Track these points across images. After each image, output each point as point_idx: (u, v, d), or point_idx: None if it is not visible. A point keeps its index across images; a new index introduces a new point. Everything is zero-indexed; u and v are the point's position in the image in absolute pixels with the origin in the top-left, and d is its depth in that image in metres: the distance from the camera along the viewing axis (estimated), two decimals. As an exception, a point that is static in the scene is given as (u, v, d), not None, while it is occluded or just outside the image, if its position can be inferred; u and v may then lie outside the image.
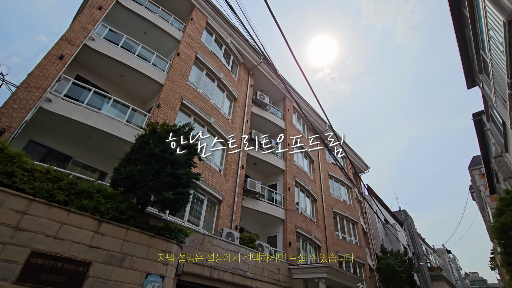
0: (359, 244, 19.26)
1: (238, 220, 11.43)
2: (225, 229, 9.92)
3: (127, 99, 9.94)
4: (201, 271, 7.91)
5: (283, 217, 13.51)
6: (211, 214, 10.67)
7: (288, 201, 14.12)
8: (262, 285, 9.67)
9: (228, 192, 11.51)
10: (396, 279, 17.77)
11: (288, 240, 12.87)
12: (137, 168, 6.17)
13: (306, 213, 15.59)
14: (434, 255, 54.09)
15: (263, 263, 10.28)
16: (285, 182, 14.75)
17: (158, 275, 6.05)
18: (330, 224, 17.67)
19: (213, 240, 8.79)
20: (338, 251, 16.93)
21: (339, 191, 20.65)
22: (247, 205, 12.35)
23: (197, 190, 10.04)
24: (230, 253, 9.17)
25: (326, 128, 21.66)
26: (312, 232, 14.75)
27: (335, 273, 10.93)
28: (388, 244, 27.51)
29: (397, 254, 21.95)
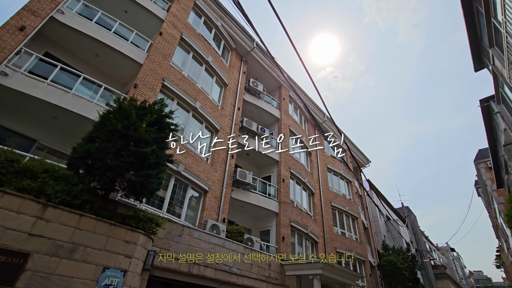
0: (359, 240, 18.36)
1: (226, 212, 10.59)
2: (209, 221, 9.08)
3: (104, 82, 9.10)
4: (178, 266, 7.07)
5: (276, 210, 12.65)
6: (195, 205, 9.83)
7: (282, 193, 13.25)
8: (250, 282, 8.83)
9: (215, 182, 10.67)
10: (399, 277, 16.87)
11: (281, 235, 12.01)
12: (94, 145, 5.34)
13: (302, 206, 14.71)
14: (438, 253, 53.02)
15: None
16: (279, 174, 13.88)
17: (119, 269, 5.22)
18: (329, 219, 16.78)
19: (194, 232, 7.95)
20: (337, 247, 16.05)
21: (338, 185, 19.74)
22: (237, 197, 11.50)
23: (178, 178, 9.22)
24: (215, 247, 8.33)
25: (325, 119, 20.73)
26: (309, 227, 13.88)
27: (331, 270, 10.06)
28: (390, 241, 26.59)
29: (399, 251, 21.03)
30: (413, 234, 28.87)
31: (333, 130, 21.79)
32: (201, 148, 10.73)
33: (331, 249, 15.60)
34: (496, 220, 26.52)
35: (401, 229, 29.54)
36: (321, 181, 17.81)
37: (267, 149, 14.07)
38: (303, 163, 16.59)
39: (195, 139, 9.81)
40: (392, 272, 16.92)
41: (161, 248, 7.00)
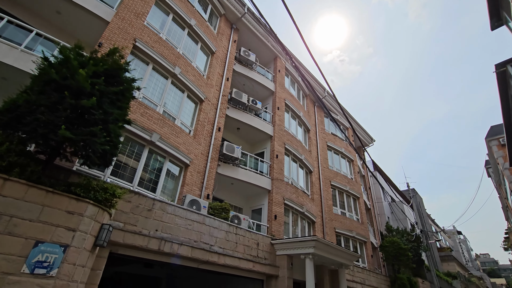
0: (360, 220, 17.49)
1: (210, 188, 9.71)
2: (188, 196, 8.20)
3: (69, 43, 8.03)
4: (146, 243, 6.25)
5: (268, 188, 11.74)
6: (175, 179, 8.96)
7: (275, 170, 12.30)
8: (233, 262, 8.03)
9: (199, 156, 9.74)
10: (401, 258, 16.04)
11: (273, 213, 11.15)
12: (22, 97, 4.38)
13: (299, 184, 13.78)
14: (444, 236, 52.24)
15: (237, 236, 8.61)
16: (273, 149, 12.88)
17: (58, 243, 4.37)
18: (328, 198, 15.87)
19: (168, 207, 7.09)
20: (336, 228, 15.22)
21: (339, 163, 18.69)
22: (225, 173, 10.59)
23: (153, 149, 8.30)
24: (192, 224, 7.49)
25: (325, 94, 19.45)
26: (305, 206, 12.99)
27: (325, 248, 9.20)
28: (395, 222, 25.73)
29: (403, 232, 20.16)
30: (418, 215, 27.92)
31: (334, 107, 20.56)
32: (182, 118, 9.76)
33: (329, 229, 14.78)
34: (506, 201, 25.28)
35: (406, 211, 28.61)
36: (320, 159, 16.79)
37: (259, 123, 13.02)
38: (300, 140, 15.53)
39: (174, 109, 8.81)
40: (395, 253, 16.09)
41: (125, 223, 6.16)
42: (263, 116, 13.89)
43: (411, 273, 18.49)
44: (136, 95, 8.33)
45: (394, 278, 16.18)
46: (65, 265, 4.38)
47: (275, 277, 9.18)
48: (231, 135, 13.13)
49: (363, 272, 14.10)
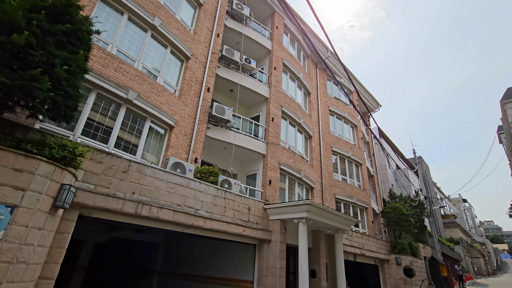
0: (362, 187, 17.03)
1: (199, 152, 9.14)
2: (171, 159, 7.65)
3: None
4: (121, 206, 5.81)
5: (263, 152, 11.14)
6: (158, 142, 8.38)
7: (271, 134, 11.60)
8: (221, 226, 7.66)
9: (185, 117, 9.05)
10: (403, 223, 15.75)
11: (268, 178, 10.65)
12: None
13: (297, 150, 13.13)
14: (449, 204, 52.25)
15: (226, 201, 8.17)
16: (269, 112, 12.07)
17: (3, 203, 3.88)
18: (328, 164, 15.29)
19: (146, 169, 6.56)
20: (336, 194, 14.81)
21: (341, 129, 17.84)
22: (215, 136, 9.96)
23: (131, 108, 7.62)
24: (175, 187, 7.01)
25: (328, 55, 18.06)
26: (303, 171, 12.45)
27: (319, 213, 8.75)
28: (399, 189, 25.34)
29: (406, 198, 19.77)
30: (423, 183, 27.40)
31: (338, 69, 19.24)
32: (165, 77, 8.95)
33: (329, 195, 14.38)
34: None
35: (411, 179, 28.09)
36: (321, 124, 15.96)
37: (254, 84, 12.09)
38: (300, 103, 14.60)
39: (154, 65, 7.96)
40: (397, 219, 15.78)
41: (96, 185, 5.67)
42: (258, 77, 12.90)
43: (413, 238, 18.35)
44: (108, 48, 7.49)
45: (395, 243, 16.04)
46: (14, 226, 3.92)
47: (267, 241, 8.89)
48: (224, 98, 12.30)
49: (362, 237, 13.88)
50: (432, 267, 17.81)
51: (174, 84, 9.27)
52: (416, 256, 16.85)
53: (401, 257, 15.10)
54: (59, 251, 4.98)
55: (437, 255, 20.13)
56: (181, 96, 9.16)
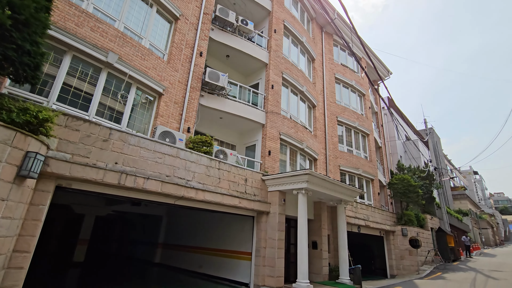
0: (369, 158, 16.40)
1: (192, 121, 8.59)
2: (159, 127, 7.14)
3: None
4: (101, 177, 5.40)
5: (262, 121, 10.51)
6: (146, 110, 7.84)
7: (271, 102, 10.88)
8: (215, 198, 7.28)
9: (175, 84, 8.40)
10: (411, 195, 15.24)
11: (267, 148, 10.12)
12: None
13: (299, 119, 12.43)
14: (459, 176, 51.33)
15: (220, 171, 7.73)
16: (268, 79, 11.26)
17: (-47, 172, 3.46)
18: (333, 135, 14.60)
19: (130, 138, 6.08)
20: (341, 165, 14.26)
21: (348, 98, 16.88)
22: (210, 105, 9.33)
23: (113, 73, 6.99)
24: (163, 157, 6.55)
25: (335, 17, 16.64)
26: (305, 142, 11.84)
27: (320, 183, 8.26)
28: (407, 161, 24.62)
29: (415, 170, 19.11)
30: (434, 154, 26.49)
31: (345, 33, 17.84)
32: (152, 39, 8.19)
33: (333, 167, 13.85)
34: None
35: (421, 150, 27.21)
36: (326, 93, 15.05)
37: (252, 49, 11.18)
38: (303, 70, 13.64)
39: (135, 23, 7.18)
40: (404, 190, 15.26)
41: (73, 154, 5.24)
42: (257, 41, 11.93)
43: (420, 210, 17.95)
44: (83, 5, 6.74)
45: (401, 215, 15.67)
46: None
47: (266, 213, 8.54)
48: (220, 64, 11.48)
49: (367, 209, 13.51)
50: (439, 238, 17.54)
51: (162, 48, 8.52)
52: (423, 227, 16.52)
53: (407, 228, 14.78)
54: (34, 224, 4.66)
55: (444, 226, 19.80)
56: (170, 61, 8.44)
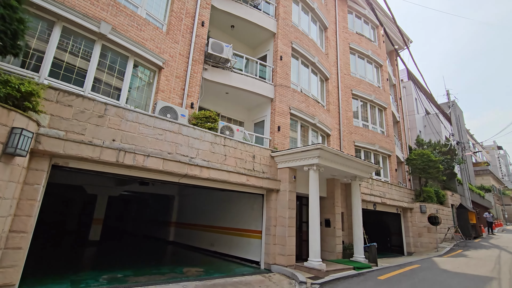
0: (386, 133, 15.55)
1: (195, 96, 8.13)
2: (160, 102, 6.75)
3: None
4: (98, 154, 5.13)
5: (271, 96, 9.91)
6: (145, 85, 7.43)
7: (279, 74, 10.20)
8: (221, 175, 6.95)
9: (176, 57, 7.88)
10: (431, 170, 14.46)
11: (276, 124, 9.59)
12: None
13: (310, 93, 11.71)
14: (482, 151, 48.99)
15: (226, 148, 7.34)
16: (276, 50, 10.50)
17: None
18: (347, 109, 13.81)
19: (127, 113, 5.73)
20: (356, 141, 13.58)
21: (363, 69, 15.80)
22: (214, 79, 8.80)
23: (108, 46, 6.55)
24: (164, 133, 6.20)
25: (349, -20, 15.22)
26: (317, 116, 11.19)
27: (332, 158, 7.74)
28: (427, 136, 23.44)
29: (435, 145, 18.10)
30: (456, 128, 25.04)
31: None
32: (148, 8, 7.61)
33: (348, 143, 13.20)
34: None
35: (442, 125, 25.77)
36: (340, 64, 14.09)
37: (258, 17, 10.36)
38: (314, 40, 12.68)
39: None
40: (423, 166, 14.48)
41: (67, 132, 4.96)
42: (264, 8, 11.04)
43: (440, 186, 17.15)
44: (71, -30, 6.19)
45: (420, 191, 14.99)
46: (-50, 176, 3.30)
47: (275, 191, 8.19)
48: (224, 36, 10.78)
49: (383, 185, 12.93)
50: (460, 215, 16.82)
51: (160, 18, 7.94)
52: (443, 204, 15.82)
53: (426, 205, 14.16)
54: (30, 204, 4.48)
55: (466, 203, 18.96)
56: (169, 31, 7.88)
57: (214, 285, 5.61)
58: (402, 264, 8.99)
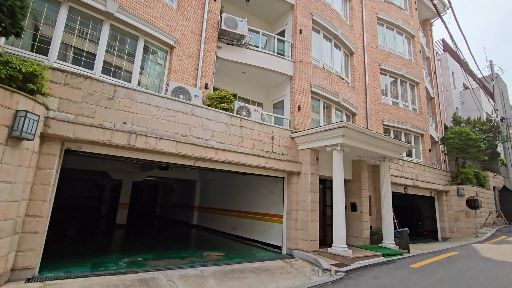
0: (418, 111, 14.30)
1: (209, 76, 7.75)
2: (171, 83, 6.46)
3: None
4: (109, 138, 4.97)
5: (290, 73, 9.27)
6: (157, 66, 7.16)
7: (299, 49, 9.47)
8: (237, 158, 6.62)
9: (188, 35, 7.49)
10: (470, 150, 13.15)
11: (296, 103, 9.00)
12: None
13: (333, 69, 10.86)
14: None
15: (242, 129, 6.96)
16: (295, 23, 9.73)
17: None
18: (375, 85, 12.76)
19: (137, 95, 5.49)
20: (385, 120, 12.60)
21: (393, 41, 14.43)
22: (229, 57, 8.33)
23: (117, 26, 6.29)
24: (176, 115, 5.93)
25: None
26: (341, 94, 10.40)
27: (358, 137, 7.08)
28: (465, 114, 21.45)
29: (475, 122, 16.45)
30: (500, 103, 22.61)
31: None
32: (156, -16, 7.19)
33: (375, 122, 12.28)
34: None
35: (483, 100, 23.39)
36: (366, 37, 12.93)
37: (274, -12, 9.59)
38: (337, 10, 11.63)
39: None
40: (462, 145, 13.18)
41: (77, 115, 4.82)
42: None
43: (481, 167, 15.68)
44: None
45: (457, 173, 13.77)
46: (-44, 160, 3.23)
47: (297, 174, 7.75)
48: (239, 11, 10.13)
49: (415, 167, 11.96)
50: (504, 198, 15.36)
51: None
52: (483, 186, 14.48)
53: (463, 187, 12.99)
54: (44, 188, 4.44)
55: (511, 185, 17.27)
56: (180, 8, 7.46)
57: (233, 271, 5.41)
58: (437, 251, 8.29)
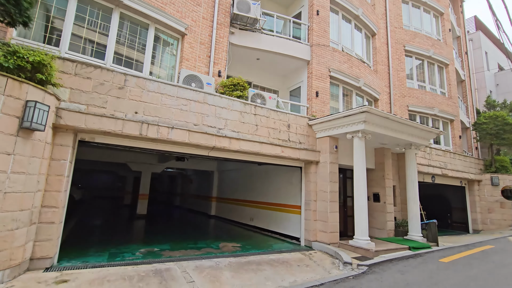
0: (447, 94, 13.30)
1: (222, 64, 7.49)
2: (183, 71, 6.27)
3: None
4: (120, 128, 4.89)
5: (307, 57, 8.81)
6: (169, 55, 6.99)
7: (316, 32, 8.95)
8: (252, 147, 6.38)
9: (199, 21, 7.24)
10: (506, 135, 12.08)
11: (314, 89, 8.56)
12: None
13: (353, 52, 10.22)
14: None
15: (257, 117, 6.68)
16: (312, 3, 9.17)
17: None
18: (399, 68, 11.95)
19: (148, 83, 5.35)
20: (410, 105, 11.82)
21: (419, 20, 13.39)
22: (242, 43, 8.01)
23: (127, 14, 6.16)
24: (188, 103, 5.75)
25: None
26: (362, 78, 9.79)
27: (381, 122, 6.58)
28: (500, 97, 19.80)
29: None
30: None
31: None
32: (165, -31, 6.95)
33: (400, 107, 11.55)
34: None
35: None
36: (389, 16, 12.07)
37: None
38: (357, -12, 10.88)
39: None
40: (497, 131, 12.13)
41: (88, 105, 4.76)
42: (296, -43, 9.63)
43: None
44: None
45: (491, 161, 12.76)
46: (-32, 151, 3.23)
47: (315, 163, 7.40)
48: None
49: (444, 155, 11.17)
50: (544, 188, 14.08)
51: (179, -21, 7.26)
52: (521, 175, 13.34)
53: (498, 176, 12.03)
54: (58, 179, 4.45)
55: (552, 173, 15.81)
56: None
57: (249, 263, 5.25)
58: (469, 244, 7.70)
